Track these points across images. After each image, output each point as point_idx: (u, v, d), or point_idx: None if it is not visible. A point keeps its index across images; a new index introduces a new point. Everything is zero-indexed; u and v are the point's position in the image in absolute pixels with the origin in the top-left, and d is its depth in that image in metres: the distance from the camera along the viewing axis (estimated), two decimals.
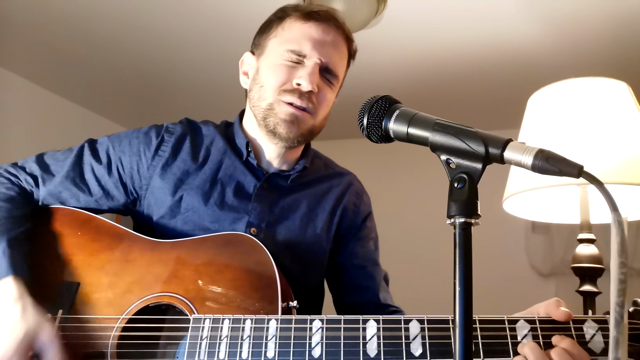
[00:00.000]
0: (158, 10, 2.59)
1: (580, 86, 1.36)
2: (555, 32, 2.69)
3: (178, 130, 1.16)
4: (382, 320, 0.85)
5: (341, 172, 1.27)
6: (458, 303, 0.59)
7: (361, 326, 0.85)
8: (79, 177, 1.11)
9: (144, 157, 1.12)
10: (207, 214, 1.09)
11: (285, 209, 1.13)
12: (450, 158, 0.65)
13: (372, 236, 1.25)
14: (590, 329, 0.81)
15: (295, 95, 1.06)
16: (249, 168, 1.14)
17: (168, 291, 0.96)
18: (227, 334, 0.88)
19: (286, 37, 1.09)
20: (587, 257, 1.28)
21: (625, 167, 1.26)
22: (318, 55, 1.08)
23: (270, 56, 1.11)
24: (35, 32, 2.81)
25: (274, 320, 0.88)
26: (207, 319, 0.90)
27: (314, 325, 0.86)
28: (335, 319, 0.86)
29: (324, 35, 1.09)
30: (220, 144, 1.16)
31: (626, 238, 0.53)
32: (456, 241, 0.61)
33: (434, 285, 3.03)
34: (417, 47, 2.90)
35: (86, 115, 3.81)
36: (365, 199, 1.26)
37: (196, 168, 1.13)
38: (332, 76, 1.12)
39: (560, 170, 0.58)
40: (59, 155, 1.14)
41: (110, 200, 1.13)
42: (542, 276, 3.72)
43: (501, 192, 1.47)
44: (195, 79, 3.35)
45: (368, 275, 1.18)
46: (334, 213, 1.18)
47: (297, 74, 1.07)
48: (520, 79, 3.12)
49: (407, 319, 0.85)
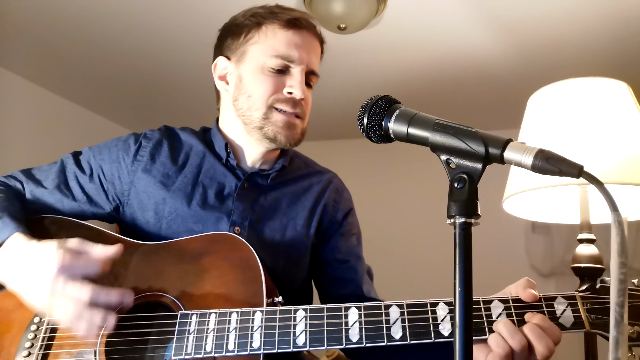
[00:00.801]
0: (158, 10, 2.59)
1: (580, 86, 1.36)
2: (555, 32, 2.69)
3: (156, 136, 1.20)
4: (363, 307, 0.89)
5: (321, 170, 1.29)
6: (458, 303, 0.60)
7: (343, 313, 0.89)
8: (63, 184, 1.15)
9: (123, 163, 1.16)
10: (190, 216, 1.11)
11: (267, 208, 1.16)
12: (450, 158, 0.65)
13: (354, 231, 1.26)
14: (561, 305, 0.86)
15: (288, 104, 1.11)
16: (229, 169, 1.17)
17: (156, 290, 0.98)
18: (214, 327, 0.91)
19: (271, 44, 1.11)
20: (587, 257, 1.28)
21: (625, 167, 1.26)
22: (304, 61, 1.12)
23: (252, 63, 1.12)
24: (36, 32, 2.81)
25: (259, 312, 0.91)
26: (194, 314, 0.93)
27: (297, 314, 0.90)
28: (318, 308, 0.90)
29: (306, 41, 1.13)
30: (199, 148, 1.20)
31: (626, 238, 0.54)
32: (456, 241, 0.61)
33: (434, 285, 3.03)
34: (417, 47, 2.90)
35: (86, 116, 3.81)
36: (345, 195, 1.28)
37: (176, 171, 1.16)
38: (314, 77, 1.17)
39: (560, 171, 0.58)
40: (44, 167, 1.19)
41: (94, 206, 1.16)
42: (542, 276, 3.72)
43: (501, 192, 1.47)
44: (195, 79, 3.35)
45: (351, 269, 1.20)
46: (315, 210, 1.20)
47: (286, 83, 1.11)
48: (521, 79, 3.12)
49: (387, 305, 0.89)
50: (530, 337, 0.81)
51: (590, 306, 0.86)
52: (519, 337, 0.81)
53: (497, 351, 0.81)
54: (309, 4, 2.46)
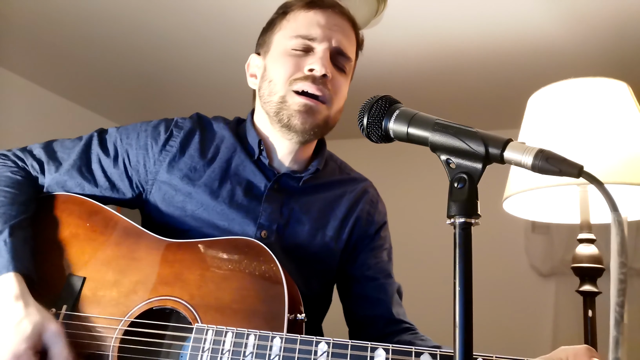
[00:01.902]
0: (158, 10, 2.59)
1: (580, 86, 1.36)
2: (554, 32, 2.69)
3: (187, 125, 1.14)
4: (391, 350, 0.80)
5: (356, 177, 1.23)
6: (458, 303, 0.59)
7: (369, 354, 0.80)
8: (85, 166, 1.10)
9: (150, 152, 1.10)
10: (215, 212, 1.06)
11: (296, 212, 1.10)
12: (450, 158, 0.65)
13: (386, 247, 1.20)
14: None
15: (308, 81, 1.02)
16: (259, 167, 1.11)
17: (172, 295, 0.94)
18: (230, 349, 0.86)
19: (292, 27, 1.06)
20: (587, 257, 1.28)
21: (625, 167, 1.26)
22: (328, 39, 1.04)
23: (276, 49, 1.08)
24: (35, 32, 2.81)
25: (279, 338, 0.84)
26: (210, 329, 0.88)
27: (319, 347, 0.82)
28: (342, 344, 0.82)
29: (330, 20, 1.06)
30: (230, 141, 1.13)
31: (626, 238, 0.53)
32: (456, 241, 0.61)
33: (434, 285, 3.03)
34: (417, 47, 2.90)
35: (86, 115, 3.81)
36: (380, 208, 1.22)
37: (204, 164, 1.10)
38: (345, 59, 1.08)
39: (560, 170, 0.58)
40: (67, 143, 1.13)
41: (116, 192, 1.11)
42: (542, 276, 3.72)
43: (501, 192, 1.47)
44: (195, 79, 3.35)
45: (380, 288, 1.13)
46: (346, 220, 1.14)
47: (307, 61, 1.03)
48: (521, 79, 3.12)
49: (418, 352, 0.79)
50: None
51: None
52: None
53: None
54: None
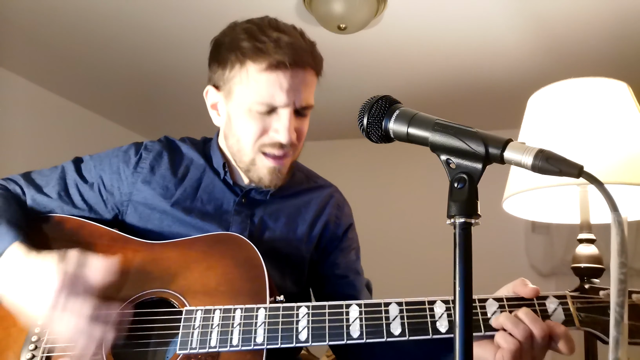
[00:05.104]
0: (158, 10, 2.59)
1: (580, 86, 1.36)
2: (555, 32, 2.69)
3: (156, 148, 1.20)
4: (363, 304, 0.92)
5: (322, 184, 1.29)
6: (458, 303, 0.60)
7: (344, 310, 0.92)
8: (64, 191, 1.16)
9: (123, 175, 1.17)
10: (190, 225, 1.12)
11: (266, 220, 1.17)
12: (450, 158, 0.65)
13: (354, 246, 1.27)
14: (552, 304, 0.90)
15: (275, 147, 1.07)
16: (227, 185, 1.18)
17: (161, 287, 1.00)
18: (219, 323, 0.93)
19: (253, 89, 1.03)
20: (587, 257, 1.28)
21: (625, 167, 1.26)
22: (292, 102, 1.04)
23: (239, 105, 1.07)
24: (36, 32, 2.80)
25: (263, 309, 0.93)
26: (199, 310, 0.95)
27: (300, 311, 0.92)
28: (320, 305, 0.93)
29: (294, 80, 1.03)
30: (199, 162, 1.20)
31: (626, 238, 0.54)
32: (456, 241, 0.61)
33: (434, 285, 3.02)
34: (417, 47, 2.90)
35: (86, 116, 3.81)
36: (346, 210, 1.29)
37: (175, 183, 1.16)
38: (307, 109, 1.10)
39: (560, 170, 0.58)
40: (44, 172, 1.19)
41: (94, 213, 1.16)
42: (542, 276, 3.72)
43: (501, 192, 1.47)
44: (195, 79, 3.34)
45: (350, 284, 1.21)
46: (314, 224, 1.21)
47: (272, 125, 1.05)
48: (521, 79, 3.12)
49: (387, 302, 0.92)
50: (526, 321, 0.84)
51: (580, 305, 0.90)
52: (522, 325, 0.83)
53: (506, 347, 0.83)
54: (309, 4, 2.46)
